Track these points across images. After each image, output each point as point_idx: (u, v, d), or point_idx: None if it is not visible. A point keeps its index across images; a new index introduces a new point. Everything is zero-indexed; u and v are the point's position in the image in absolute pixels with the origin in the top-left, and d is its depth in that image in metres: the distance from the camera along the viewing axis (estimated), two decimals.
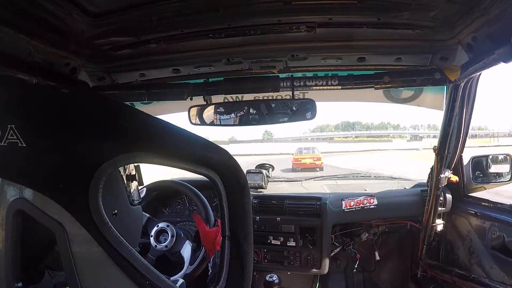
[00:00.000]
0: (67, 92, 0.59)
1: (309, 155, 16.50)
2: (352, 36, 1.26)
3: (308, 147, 18.61)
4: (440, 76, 1.31)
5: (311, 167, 15.33)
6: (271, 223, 1.85)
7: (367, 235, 1.89)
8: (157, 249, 1.29)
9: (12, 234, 0.56)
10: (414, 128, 50.93)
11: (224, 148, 0.63)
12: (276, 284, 1.52)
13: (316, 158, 15.95)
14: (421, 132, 47.42)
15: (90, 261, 0.53)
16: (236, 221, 0.64)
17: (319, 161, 15.84)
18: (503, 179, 1.60)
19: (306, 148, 18.40)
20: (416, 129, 50.54)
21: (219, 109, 1.53)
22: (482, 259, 1.44)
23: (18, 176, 0.55)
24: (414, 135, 45.96)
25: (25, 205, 0.54)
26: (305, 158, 16.10)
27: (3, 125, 0.54)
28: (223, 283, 0.62)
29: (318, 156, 16.30)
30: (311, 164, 15.50)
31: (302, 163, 15.79)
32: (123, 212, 0.71)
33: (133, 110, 0.60)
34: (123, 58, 1.39)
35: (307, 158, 16.00)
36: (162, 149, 0.56)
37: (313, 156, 16.15)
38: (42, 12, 0.98)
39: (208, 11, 1.07)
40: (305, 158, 16.11)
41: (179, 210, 1.93)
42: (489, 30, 1.00)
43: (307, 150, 17.46)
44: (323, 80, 1.38)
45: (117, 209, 0.68)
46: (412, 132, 49.31)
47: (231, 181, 0.63)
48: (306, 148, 18.42)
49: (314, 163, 15.58)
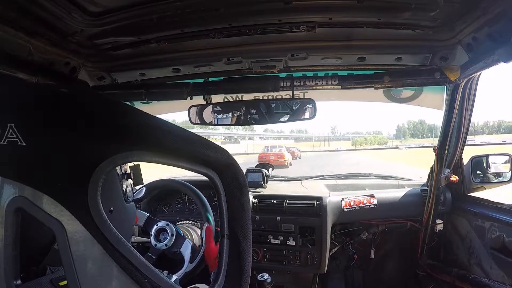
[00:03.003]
0: (66, 92, 0.59)
1: (273, 153, 18.47)
2: (352, 36, 1.26)
3: (274, 145, 20.88)
4: (440, 76, 1.31)
5: (274, 164, 16.69)
6: (271, 222, 1.85)
7: (366, 234, 1.89)
8: (157, 248, 1.30)
9: (12, 232, 0.56)
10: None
11: (223, 147, 0.63)
12: (269, 283, 1.52)
13: (280, 156, 17.75)
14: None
15: (89, 259, 0.53)
16: (235, 220, 0.64)
17: (283, 159, 17.50)
18: (503, 179, 1.60)
19: (273, 146, 20.72)
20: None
21: (219, 109, 1.54)
22: (482, 259, 1.44)
23: (18, 175, 0.55)
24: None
25: (25, 203, 0.54)
26: (269, 155, 17.97)
27: (2, 124, 0.54)
28: (221, 281, 0.62)
29: (282, 153, 18.18)
30: (274, 161, 16.78)
31: (266, 160, 17.11)
32: (119, 209, 0.73)
33: (132, 109, 0.60)
34: (123, 58, 1.39)
35: (271, 156, 17.83)
36: (161, 147, 0.57)
37: (277, 154, 18.05)
38: (42, 11, 0.98)
39: (209, 10, 1.07)
40: (269, 155, 17.97)
41: (179, 209, 1.94)
42: (489, 30, 1.00)
43: (274, 148, 19.64)
44: (323, 80, 1.38)
45: (113, 206, 0.69)
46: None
47: (230, 179, 0.63)
48: (272, 146, 20.75)
49: (277, 160, 16.96)
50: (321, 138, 62.38)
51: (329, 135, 43.63)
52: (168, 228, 1.31)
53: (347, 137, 60.27)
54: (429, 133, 78.24)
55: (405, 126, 75.30)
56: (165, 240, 1.30)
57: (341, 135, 56.55)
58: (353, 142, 62.94)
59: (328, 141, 59.26)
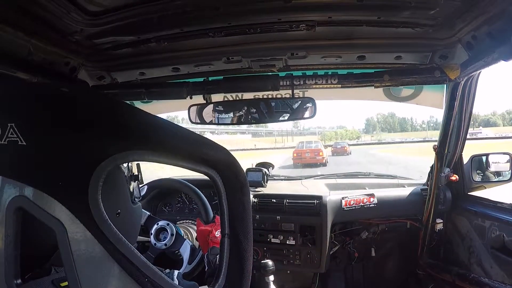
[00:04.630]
0: (66, 91, 0.59)
1: (309, 149, 16.15)
2: (352, 34, 1.26)
3: (310, 141, 18.17)
4: (440, 75, 1.31)
5: (311, 162, 15.09)
6: (271, 221, 1.85)
7: (366, 233, 1.89)
8: (157, 247, 1.30)
9: (12, 232, 0.56)
10: None
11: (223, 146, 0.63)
12: (270, 268, 1.53)
13: (317, 152, 15.61)
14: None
15: (90, 259, 0.53)
16: (236, 219, 0.64)
17: (320, 156, 15.45)
18: (503, 178, 1.60)
19: (309, 142, 17.97)
20: None
21: (219, 108, 1.53)
22: (482, 259, 1.44)
23: (18, 174, 0.55)
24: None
25: (25, 202, 0.54)
26: (305, 152, 15.79)
27: (3, 124, 0.54)
28: (222, 280, 0.62)
29: (319, 149, 15.94)
30: (311, 158, 15.20)
31: (301, 157, 15.52)
32: (126, 212, 0.72)
33: (131, 108, 0.60)
34: (123, 57, 1.39)
35: (307, 152, 15.70)
36: (161, 147, 0.57)
37: (314, 150, 15.77)
38: (42, 10, 0.98)
39: (208, 9, 1.07)
40: (304, 152, 15.80)
41: (179, 209, 1.94)
42: (489, 28, 1.00)
43: (310, 144, 17.07)
44: (323, 79, 1.38)
45: (121, 208, 0.68)
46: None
47: (231, 179, 0.62)
48: (308, 142, 17.98)
49: (314, 157, 15.25)
50: (283, 133, 56.65)
51: (292, 130, 39.51)
52: (169, 228, 1.31)
53: (312, 132, 55.48)
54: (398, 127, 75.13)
55: (374, 120, 71.51)
56: (165, 240, 1.30)
57: (305, 130, 52.12)
58: (322, 137, 56.53)
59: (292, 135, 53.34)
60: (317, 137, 50.76)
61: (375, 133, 67.00)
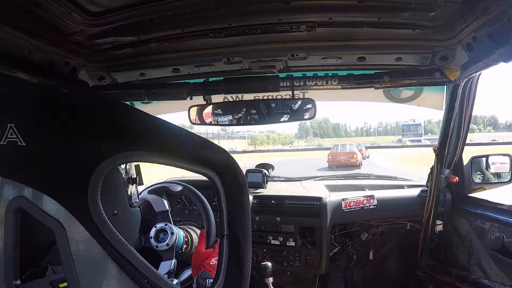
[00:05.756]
0: (66, 92, 0.59)
1: (344, 152, 16.57)
2: (352, 35, 1.26)
3: (344, 144, 18.50)
4: (440, 76, 1.31)
5: (346, 164, 15.37)
6: (271, 223, 1.85)
7: (366, 235, 1.88)
8: (159, 249, 1.29)
9: (11, 232, 0.56)
10: None
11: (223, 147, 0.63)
12: (269, 270, 1.51)
13: (351, 155, 15.99)
14: None
15: (89, 259, 0.53)
16: (235, 220, 0.64)
17: (354, 158, 15.75)
18: (503, 179, 1.60)
19: (343, 144, 18.36)
20: None
21: (219, 109, 1.54)
22: (482, 260, 1.43)
23: (18, 175, 0.55)
24: None
25: (25, 203, 0.54)
26: (340, 155, 16.23)
27: (2, 124, 0.54)
28: (221, 282, 0.62)
29: (354, 152, 16.25)
30: (345, 161, 15.52)
31: (336, 160, 15.85)
32: (122, 213, 0.72)
33: (131, 109, 0.60)
34: (123, 58, 1.39)
35: (341, 155, 16.09)
36: (160, 147, 0.56)
37: (349, 153, 16.20)
38: (42, 11, 0.98)
39: (209, 10, 1.07)
40: (339, 155, 16.24)
41: (178, 210, 1.93)
42: (489, 29, 1.00)
43: (344, 147, 17.46)
44: (323, 80, 1.38)
45: (117, 210, 0.68)
46: None
47: (230, 180, 0.62)
48: (342, 144, 18.39)
49: (349, 160, 15.63)
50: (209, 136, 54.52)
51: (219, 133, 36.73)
52: (167, 228, 1.31)
53: (241, 135, 52.58)
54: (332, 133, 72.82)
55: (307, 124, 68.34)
56: (166, 240, 1.29)
57: (232, 133, 49.50)
58: (252, 141, 52.61)
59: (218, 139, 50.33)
60: (246, 142, 50.76)
61: (309, 138, 65.66)
